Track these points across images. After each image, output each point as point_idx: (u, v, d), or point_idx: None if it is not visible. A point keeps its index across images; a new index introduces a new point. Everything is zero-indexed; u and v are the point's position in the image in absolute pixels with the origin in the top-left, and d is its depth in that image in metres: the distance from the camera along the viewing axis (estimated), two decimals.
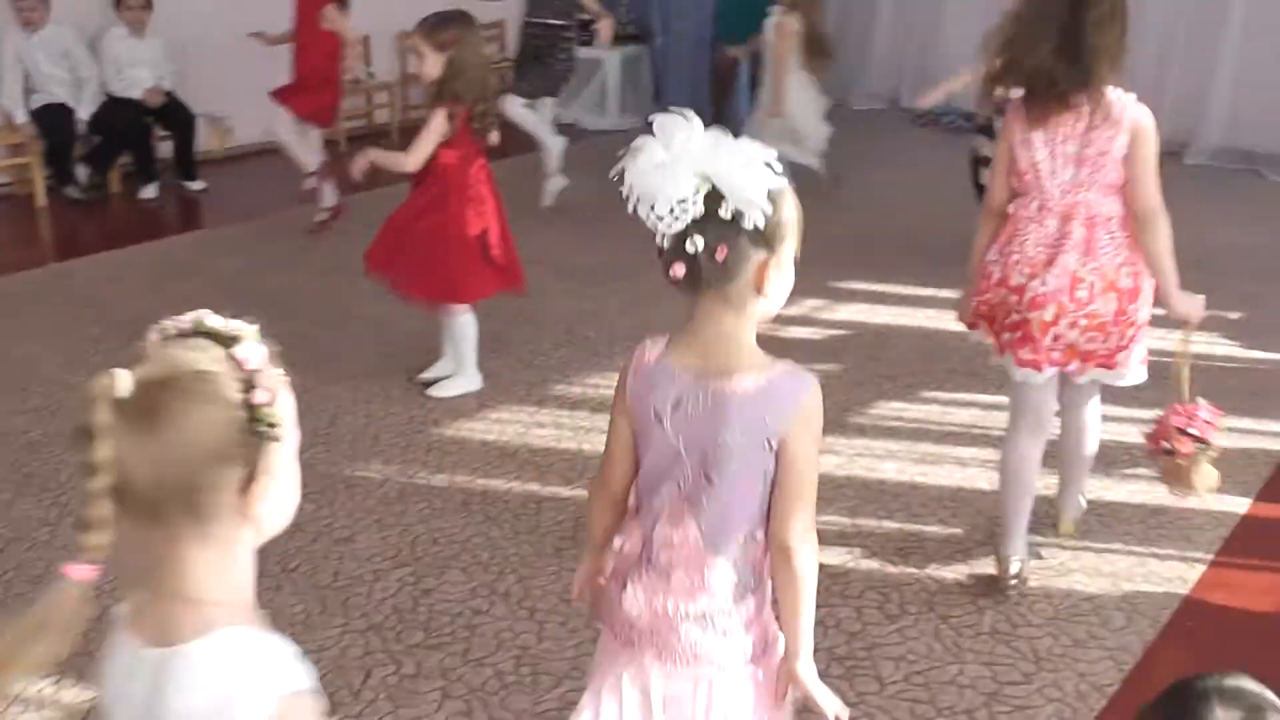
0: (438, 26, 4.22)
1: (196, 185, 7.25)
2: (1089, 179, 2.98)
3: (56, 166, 6.91)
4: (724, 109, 7.89)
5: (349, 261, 5.67)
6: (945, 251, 5.47)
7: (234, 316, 1.28)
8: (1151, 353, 3.17)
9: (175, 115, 7.14)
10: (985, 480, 3.80)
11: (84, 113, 6.91)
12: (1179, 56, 8.22)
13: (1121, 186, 2.98)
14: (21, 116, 6.78)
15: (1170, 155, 4.72)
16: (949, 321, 4.95)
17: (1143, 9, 6.63)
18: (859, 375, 4.66)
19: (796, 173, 5.29)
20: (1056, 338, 3.05)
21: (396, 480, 3.86)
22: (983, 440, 4.10)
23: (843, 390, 4.43)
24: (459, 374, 4.47)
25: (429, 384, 4.48)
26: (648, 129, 1.72)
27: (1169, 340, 3.31)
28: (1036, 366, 3.08)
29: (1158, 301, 3.09)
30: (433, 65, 4.19)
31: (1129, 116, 2.93)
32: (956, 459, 4.03)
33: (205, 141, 7.57)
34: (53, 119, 6.84)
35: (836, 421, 4.09)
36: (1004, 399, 3.51)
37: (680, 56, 9.02)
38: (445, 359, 4.53)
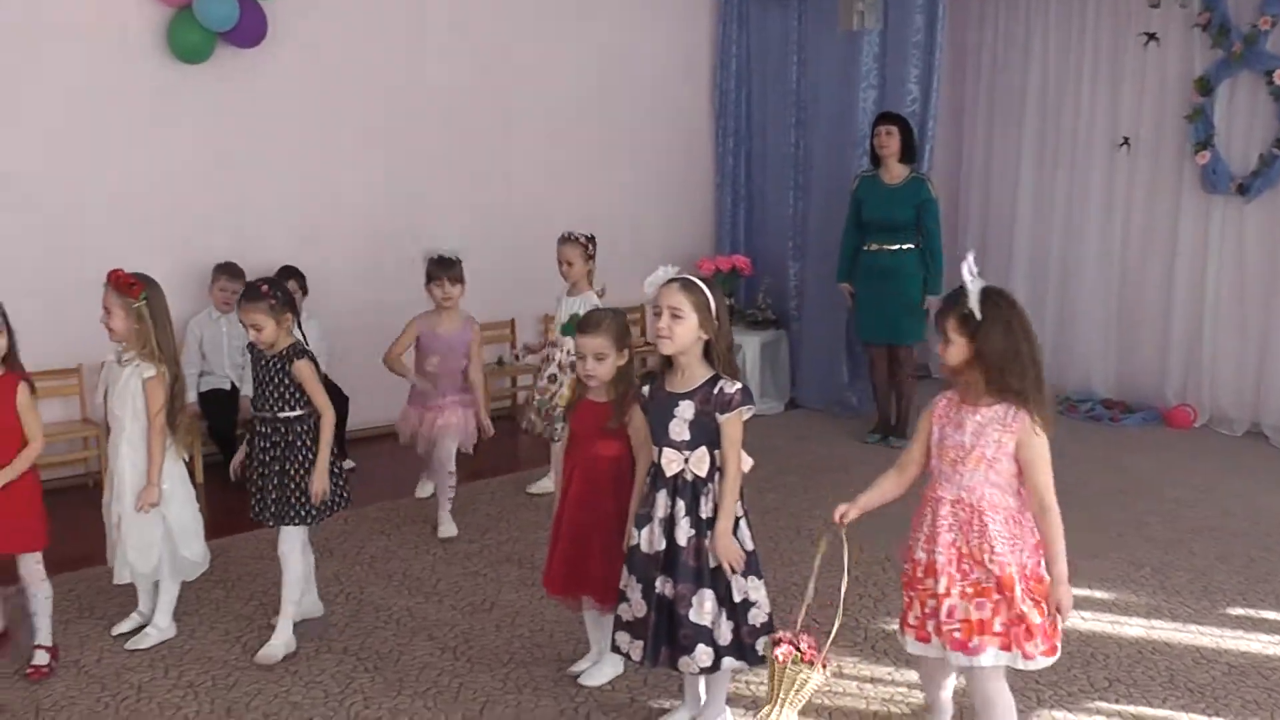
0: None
1: (348, 464, 7.35)
2: None
3: (221, 447, 7.21)
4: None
5: (490, 547, 5.77)
6: None
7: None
8: None
9: (332, 396, 7.33)
10: None
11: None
12: None
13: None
14: (191, 397, 7.09)
15: None
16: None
17: None
18: None
19: None
20: None
21: None
22: None
23: None
24: (603, 660, 4.43)
25: (579, 674, 4.44)
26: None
27: None
28: None
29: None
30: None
31: None
32: None
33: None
34: (221, 401, 7.24)
35: None
36: None
37: (816, 343, 9.15)
38: (594, 648, 4.50)
